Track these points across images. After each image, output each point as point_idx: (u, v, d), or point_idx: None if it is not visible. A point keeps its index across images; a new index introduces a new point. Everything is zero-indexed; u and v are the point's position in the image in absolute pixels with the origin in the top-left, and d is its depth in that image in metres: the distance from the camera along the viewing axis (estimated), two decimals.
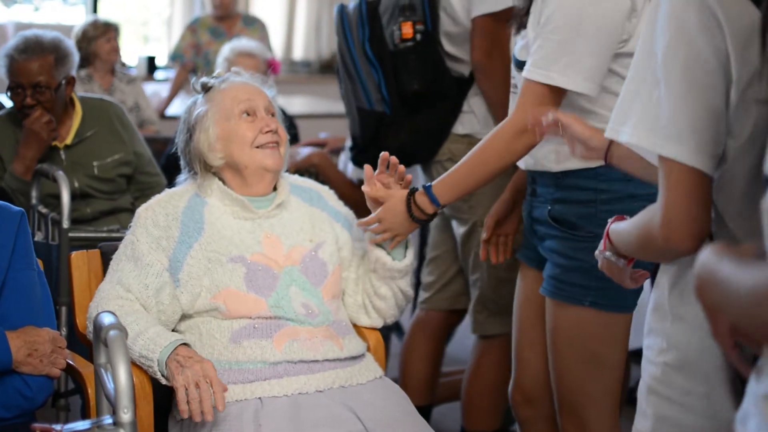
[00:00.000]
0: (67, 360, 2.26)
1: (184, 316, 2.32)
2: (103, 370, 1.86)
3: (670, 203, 1.51)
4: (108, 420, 1.69)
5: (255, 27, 6.14)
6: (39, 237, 3.21)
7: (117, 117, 3.58)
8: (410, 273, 2.48)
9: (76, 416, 3.14)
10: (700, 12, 1.45)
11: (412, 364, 3.30)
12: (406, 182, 2.38)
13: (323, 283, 2.38)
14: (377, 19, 2.95)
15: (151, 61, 7.16)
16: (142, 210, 2.38)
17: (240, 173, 2.39)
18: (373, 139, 3.05)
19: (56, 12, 7.92)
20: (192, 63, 6.10)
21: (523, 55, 2.34)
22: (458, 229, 3.08)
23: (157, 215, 2.35)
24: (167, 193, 2.44)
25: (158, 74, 7.17)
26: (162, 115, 5.94)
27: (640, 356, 4.38)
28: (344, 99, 3.18)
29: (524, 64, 2.31)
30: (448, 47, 2.98)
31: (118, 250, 2.37)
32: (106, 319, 1.80)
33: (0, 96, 4.12)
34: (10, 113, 3.44)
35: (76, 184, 3.39)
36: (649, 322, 1.67)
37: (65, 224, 3.11)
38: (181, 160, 2.47)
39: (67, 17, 7.72)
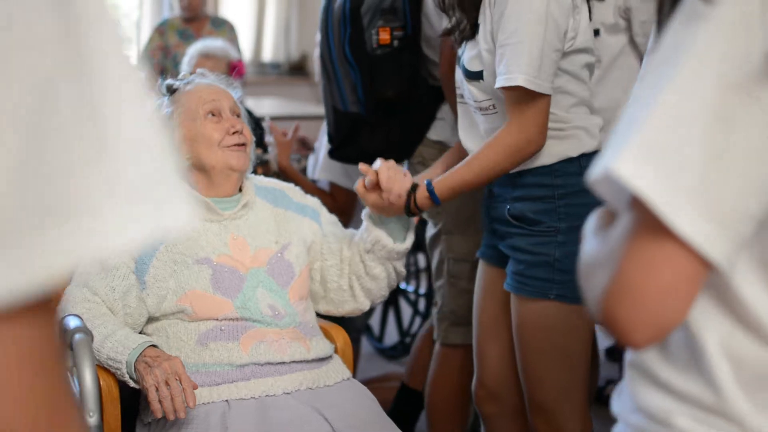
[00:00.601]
0: None
1: (151, 319, 2.31)
2: (68, 374, 1.84)
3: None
4: None
5: (224, 29, 6.12)
6: None
7: None
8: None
9: None
10: None
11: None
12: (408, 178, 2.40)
13: (290, 285, 2.37)
14: (359, 19, 2.94)
15: None
16: None
17: (206, 174, 2.39)
18: (347, 140, 3.05)
19: None
20: (160, 65, 6.08)
21: (474, 66, 2.36)
22: (429, 230, 3.07)
23: None
24: None
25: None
26: None
27: (613, 355, 4.40)
28: (323, 95, 3.17)
29: (476, 74, 2.35)
30: (428, 51, 2.97)
31: None
32: (72, 323, 1.80)
33: None
34: None
35: None
36: None
37: None
38: None
39: None
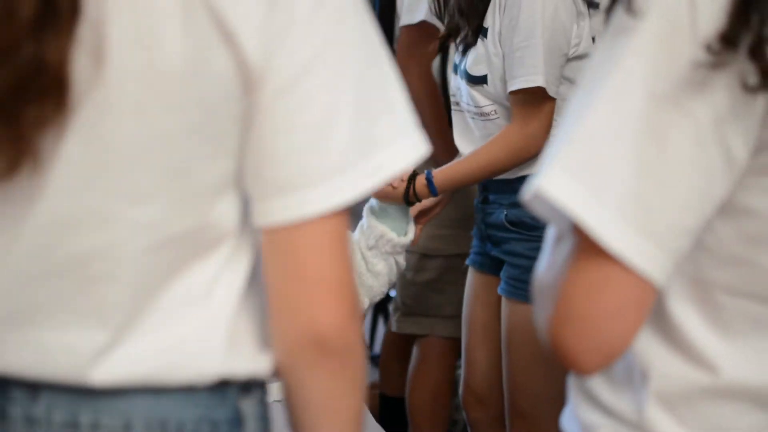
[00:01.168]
0: None
1: None
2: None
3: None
4: None
5: None
6: None
7: None
8: None
9: None
10: None
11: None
12: None
13: None
14: None
15: None
16: None
17: None
18: None
19: None
20: None
21: (479, 70, 2.36)
22: None
23: None
24: None
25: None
26: None
27: None
28: None
29: (479, 79, 2.36)
30: None
31: None
32: None
33: None
34: None
35: None
36: None
37: None
38: None
39: None
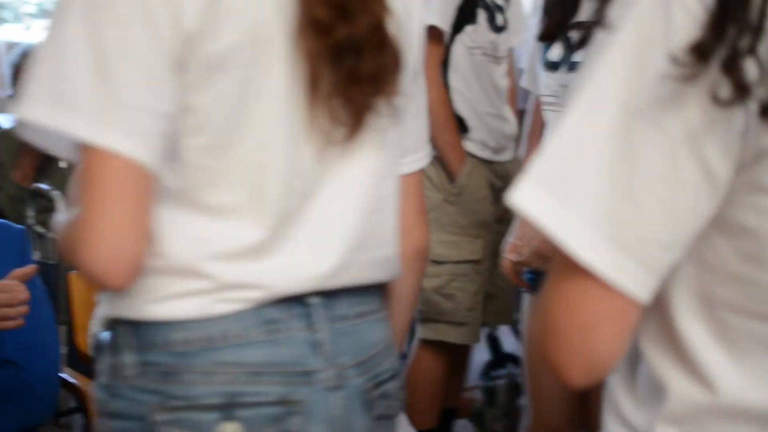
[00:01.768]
0: (69, 378, 2.26)
1: None
2: None
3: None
4: None
5: None
6: (36, 256, 3.22)
7: None
8: None
9: None
10: None
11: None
12: None
13: None
14: None
15: None
16: None
17: None
18: None
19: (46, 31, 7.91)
20: None
21: None
22: None
23: None
24: None
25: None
26: None
27: None
28: None
29: None
30: None
31: None
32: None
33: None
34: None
35: None
36: None
37: None
38: None
39: None
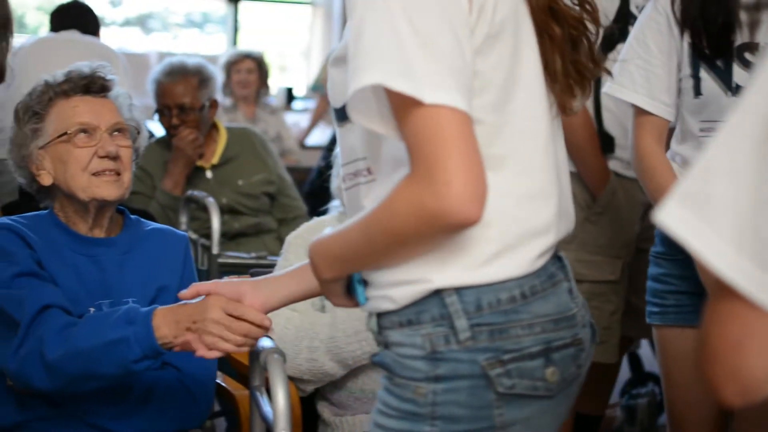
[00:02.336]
0: (219, 382, 2.31)
1: None
2: (258, 393, 1.91)
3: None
4: None
5: None
6: None
7: (260, 143, 3.77)
8: None
9: None
10: None
11: None
12: None
13: None
14: None
15: (289, 91, 7.32)
16: (292, 237, 2.41)
17: None
18: None
19: (195, 41, 8.18)
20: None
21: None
22: None
23: (306, 242, 2.37)
24: (317, 221, 2.44)
25: (296, 104, 7.30)
26: (302, 145, 6.06)
27: None
28: None
29: None
30: None
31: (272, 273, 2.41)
32: (265, 343, 1.85)
33: (152, 124, 4.30)
34: (160, 139, 3.63)
35: (224, 200, 3.53)
36: None
37: (215, 250, 3.20)
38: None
39: (207, 47, 7.97)
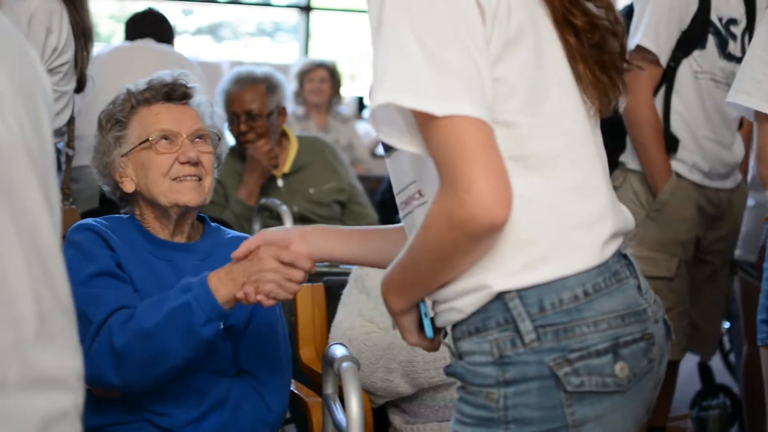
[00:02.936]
0: (292, 389, 2.33)
1: None
2: (331, 401, 1.93)
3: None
4: None
5: None
6: None
7: (330, 152, 3.80)
8: None
9: None
10: None
11: None
12: None
13: None
14: None
15: (360, 100, 7.36)
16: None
17: None
18: None
19: (265, 49, 8.27)
20: None
21: None
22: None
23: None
24: None
25: (367, 113, 7.32)
26: (373, 154, 6.08)
27: None
28: None
29: None
30: None
31: (348, 284, 2.43)
32: (339, 351, 1.87)
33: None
34: (231, 149, 3.69)
35: (296, 209, 3.56)
36: None
37: None
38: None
39: (277, 55, 8.05)
